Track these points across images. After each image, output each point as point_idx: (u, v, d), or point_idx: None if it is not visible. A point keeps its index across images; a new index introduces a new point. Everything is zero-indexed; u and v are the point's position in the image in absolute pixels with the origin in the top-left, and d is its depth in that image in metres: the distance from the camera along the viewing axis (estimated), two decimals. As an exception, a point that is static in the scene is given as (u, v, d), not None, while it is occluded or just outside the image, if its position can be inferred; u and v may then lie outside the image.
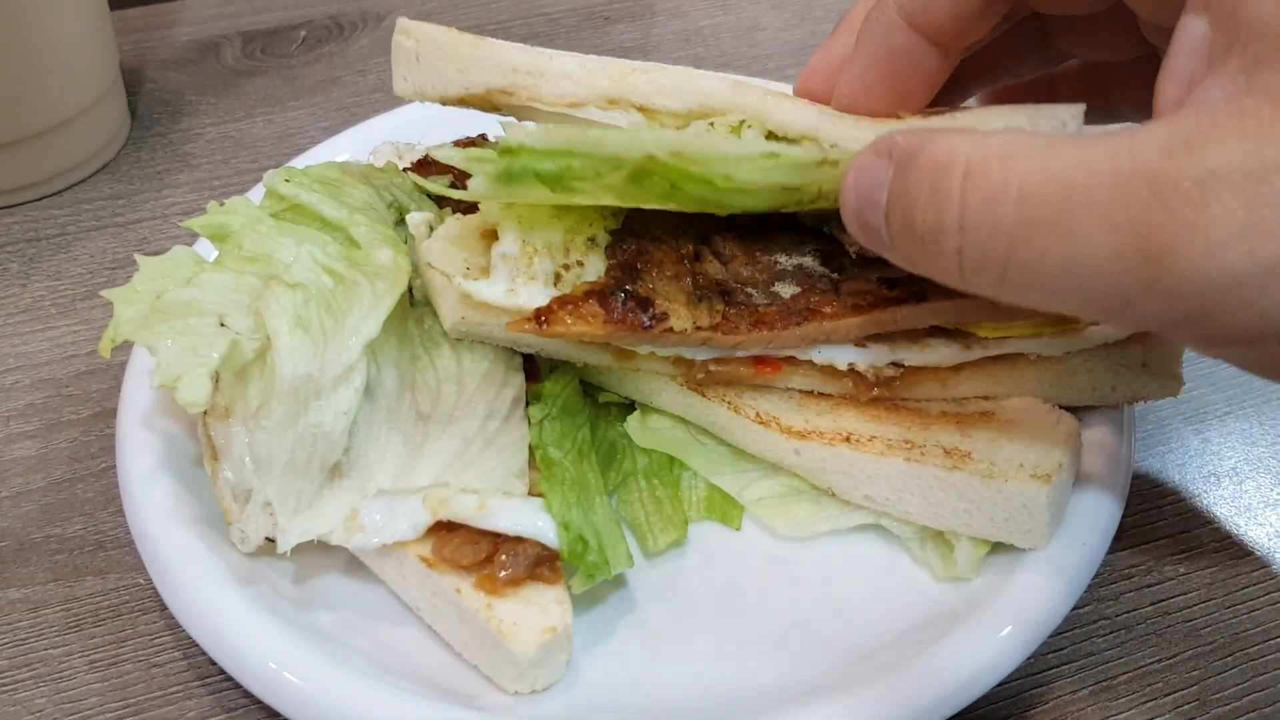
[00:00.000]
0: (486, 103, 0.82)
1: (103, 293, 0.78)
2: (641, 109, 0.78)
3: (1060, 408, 0.81)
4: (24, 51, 1.09)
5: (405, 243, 0.83)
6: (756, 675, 0.74)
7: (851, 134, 0.73)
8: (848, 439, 0.80)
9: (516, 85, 0.80)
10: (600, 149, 0.66)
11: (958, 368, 0.82)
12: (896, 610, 0.78)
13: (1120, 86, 0.86)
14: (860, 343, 0.81)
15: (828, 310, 0.78)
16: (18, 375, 1.00)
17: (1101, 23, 0.77)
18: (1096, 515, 0.77)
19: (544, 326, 0.75)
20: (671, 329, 0.76)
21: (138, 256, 0.80)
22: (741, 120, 0.75)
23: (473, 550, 0.74)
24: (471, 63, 0.81)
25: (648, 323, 0.75)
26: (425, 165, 0.97)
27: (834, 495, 0.83)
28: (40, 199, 1.19)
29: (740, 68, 1.36)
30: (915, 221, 0.58)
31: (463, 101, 0.83)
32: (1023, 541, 0.76)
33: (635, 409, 0.89)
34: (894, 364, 0.82)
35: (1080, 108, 0.70)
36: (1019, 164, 0.54)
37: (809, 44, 1.43)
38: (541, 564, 0.74)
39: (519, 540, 0.74)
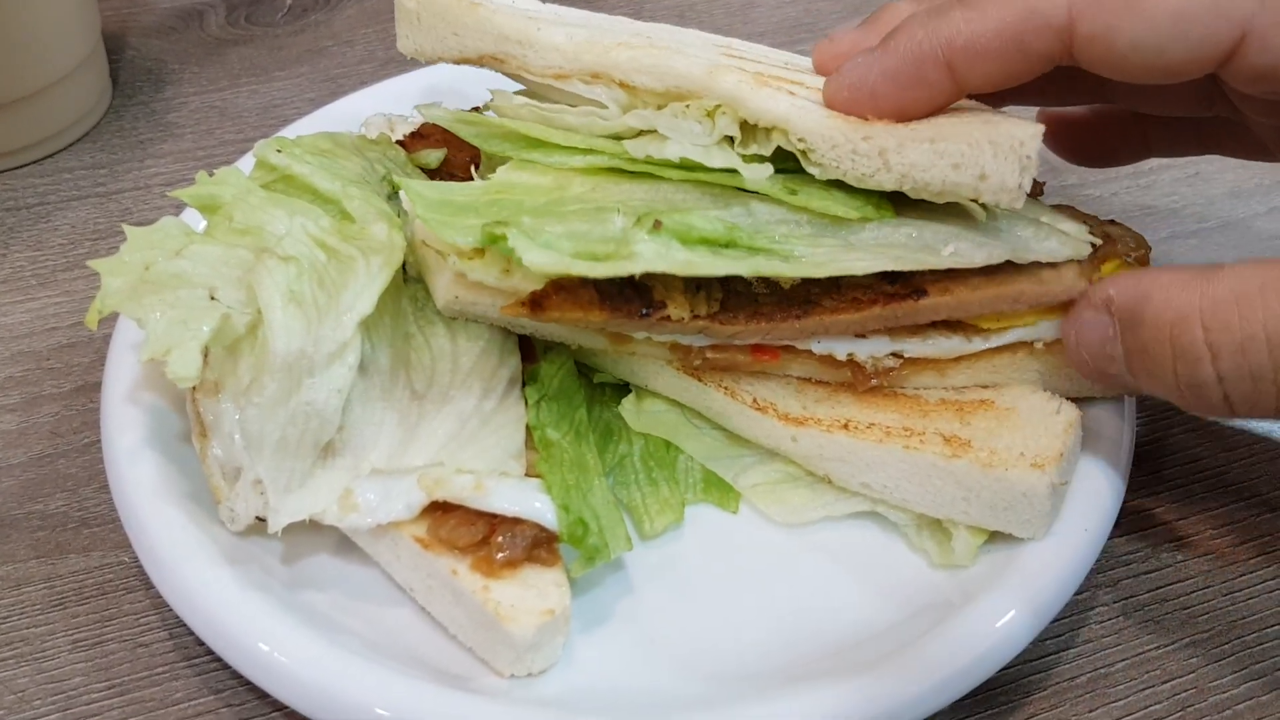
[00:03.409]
0: (483, 65, 0.83)
1: (90, 263, 0.76)
2: (623, 85, 0.78)
3: (1061, 397, 0.80)
4: (1, 15, 1.06)
5: (399, 217, 0.82)
6: (753, 660, 0.74)
7: (820, 130, 0.71)
8: (846, 426, 0.80)
9: (507, 54, 0.81)
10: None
11: (958, 358, 0.81)
12: (897, 595, 0.77)
13: (1161, 133, 0.87)
14: (860, 333, 0.80)
15: (827, 304, 0.76)
16: (-3, 347, 0.98)
17: (1170, 90, 0.77)
18: (1097, 502, 0.77)
19: (538, 311, 0.73)
20: (668, 317, 0.74)
21: (126, 227, 0.78)
22: (716, 106, 0.74)
23: (469, 531, 0.72)
24: (466, 28, 0.81)
25: (644, 310, 0.74)
26: (418, 138, 0.95)
27: (830, 482, 0.82)
28: (19, 167, 1.16)
29: (734, 45, 1.35)
30: (1168, 376, 0.64)
31: (460, 62, 0.83)
32: (1021, 531, 0.75)
33: (630, 391, 0.87)
34: (894, 354, 0.81)
35: (1038, 129, 0.69)
36: (1255, 310, 0.60)
37: (803, 21, 1.42)
38: (539, 545, 0.73)
39: (516, 521, 0.73)
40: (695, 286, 0.76)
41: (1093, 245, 0.78)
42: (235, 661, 0.69)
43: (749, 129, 0.75)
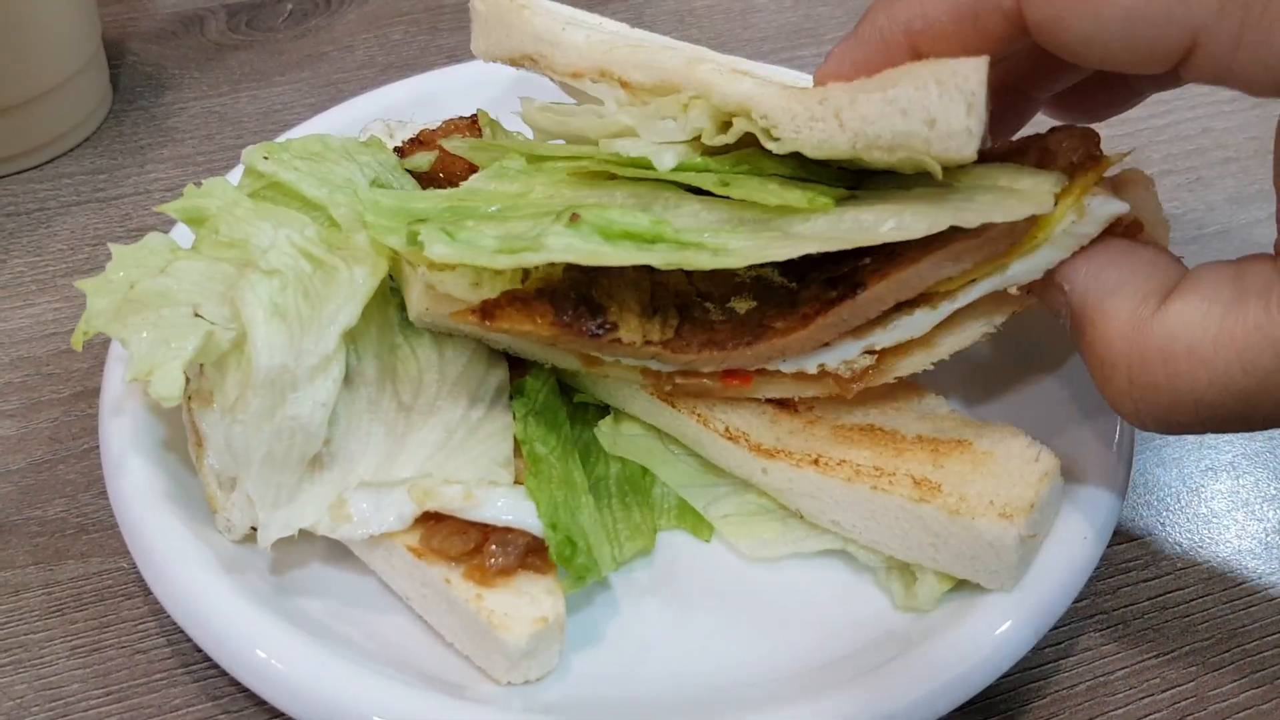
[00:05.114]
0: (524, 66, 0.86)
1: (76, 283, 0.76)
2: (622, 83, 0.79)
3: (1042, 443, 0.76)
4: (3, 21, 1.07)
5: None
6: (752, 670, 0.73)
7: (779, 104, 0.70)
8: (816, 461, 0.77)
9: (539, 53, 0.83)
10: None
11: (937, 328, 0.76)
12: (891, 612, 0.77)
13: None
14: (817, 347, 0.76)
15: (779, 326, 0.74)
16: (-4, 353, 0.98)
17: None
18: (1096, 509, 0.76)
19: (488, 319, 0.73)
20: (619, 340, 0.73)
21: (111, 245, 0.77)
22: (692, 98, 0.74)
23: (462, 540, 0.72)
24: (513, 28, 0.84)
25: (595, 330, 0.73)
26: (416, 144, 0.95)
27: (802, 517, 0.79)
28: (19, 172, 1.16)
29: (734, 50, 1.34)
30: (1094, 380, 0.67)
31: (511, 63, 0.86)
32: (989, 582, 0.72)
33: (609, 413, 0.85)
34: (867, 352, 0.77)
35: (982, 61, 0.63)
36: (1181, 378, 0.62)
37: (803, 27, 1.42)
38: (532, 553, 0.72)
39: (508, 529, 0.72)
40: (652, 310, 0.75)
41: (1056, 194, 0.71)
42: (233, 668, 0.69)
43: (719, 120, 0.73)
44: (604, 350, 0.76)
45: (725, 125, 0.73)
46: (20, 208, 1.13)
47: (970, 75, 0.63)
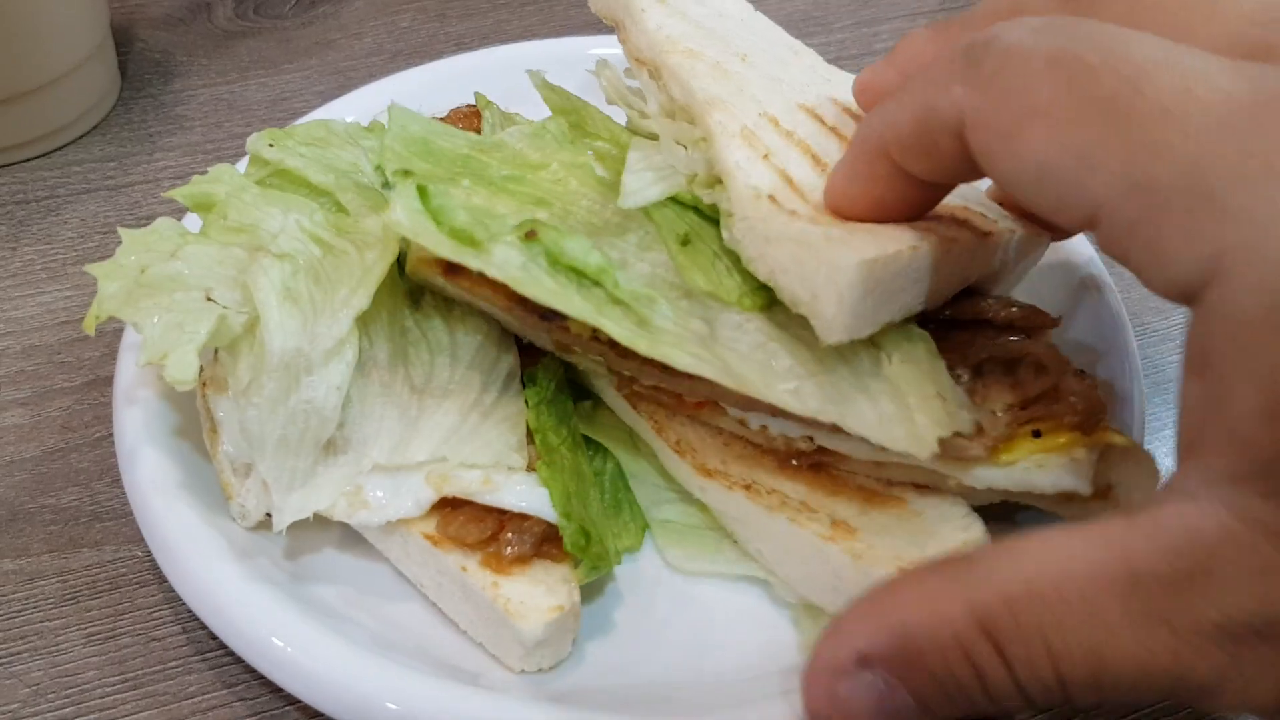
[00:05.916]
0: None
1: (86, 268, 0.76)
2: (664, 90, 0.78)
3: (976, 518, 0.71)
4: (10, 7, 1.06)
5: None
6: (761, 660, 0.74)
7: (744, 197, 0.66)
8: (748, 487, 0.75)
9: (624, 25, 0.83)
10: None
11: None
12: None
13: None
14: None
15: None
16: (7, 341, 0.98)
17: None
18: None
19: (450, 275, 0.73)
20: (568, 329, 0.73)
21: (120, 229, 0.77)
22: (700, 138, 0.72)
23: (478, 528, 0.72)
24: None
25: (545, 312, 0.71)
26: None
27: (736, 542, 0.78)
28: (28, 160, 1.16)
29: (742, 37, 1.34)
30: (976, 695, 0.52)
31: (610, 21, 0.86)
32: None
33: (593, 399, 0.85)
34: (808, 438, 0.74)
35: (859, 264, 0.60)
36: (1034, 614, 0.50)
37: (812, 15, 1.41)
38: (548, 541, 0.73)
39: (525, 517, 0.73)
40: None
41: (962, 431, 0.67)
42: (248, 655, 0.69)
43: (711, 175, 0.71)
44: (551, 334, 0.76)
45: (715, 182, 0.70)
46: (29, 195, 1.13)
47: (847, 275, 0.61)
